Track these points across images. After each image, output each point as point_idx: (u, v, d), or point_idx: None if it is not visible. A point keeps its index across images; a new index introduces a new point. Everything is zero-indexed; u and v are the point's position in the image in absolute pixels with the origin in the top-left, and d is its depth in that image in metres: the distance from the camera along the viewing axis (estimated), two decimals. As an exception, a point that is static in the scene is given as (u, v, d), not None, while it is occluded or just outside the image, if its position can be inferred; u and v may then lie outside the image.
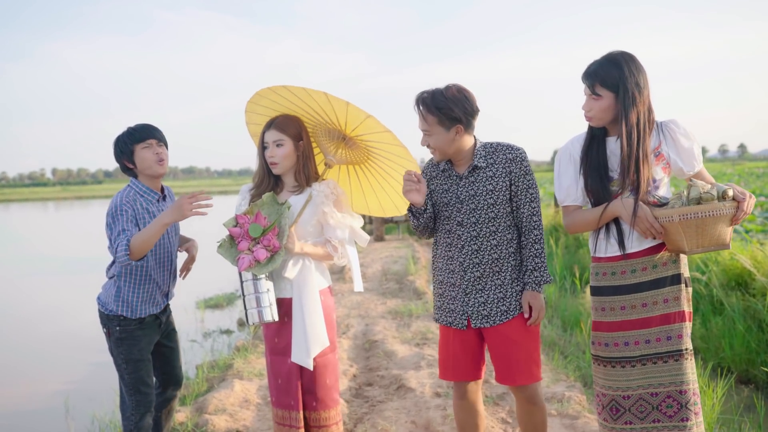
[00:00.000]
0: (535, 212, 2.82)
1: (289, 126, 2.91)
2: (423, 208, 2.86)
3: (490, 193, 2.80)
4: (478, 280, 2.83)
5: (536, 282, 2.80)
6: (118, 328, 3.11)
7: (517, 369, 2.82)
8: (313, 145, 3.07)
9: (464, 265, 2.84)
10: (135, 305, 3.09)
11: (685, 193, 2.53)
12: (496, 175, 2.80)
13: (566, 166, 2.76)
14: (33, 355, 7.49)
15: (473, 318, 2.84)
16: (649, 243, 2.63)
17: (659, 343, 2.61)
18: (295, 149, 2.92)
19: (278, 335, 2.95)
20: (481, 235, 2.82)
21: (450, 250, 2.89)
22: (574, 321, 6.57)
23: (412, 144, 2.99)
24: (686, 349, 2.61)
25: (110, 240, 2.99)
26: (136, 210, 3.04)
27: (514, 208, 2.83)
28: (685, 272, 2.67)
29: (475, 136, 2.86)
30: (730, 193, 2.47)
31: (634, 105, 2.57)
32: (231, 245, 2.85)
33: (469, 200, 2.82)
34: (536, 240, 2.82)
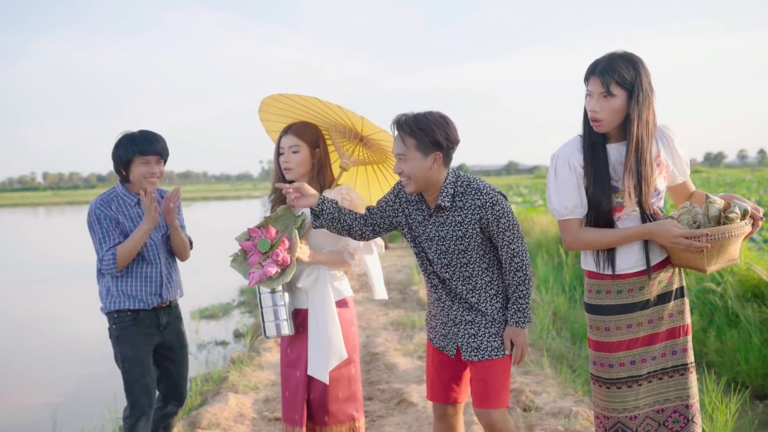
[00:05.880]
0: (516, 253, 2.70)
1: (307, 132, 2.97)
2: (319, 208, 2.79)
3: (460, 239, 2.70)
4: (467, 312, 2.78)
5: (517, 321, 2.73)
6: (114, 326, 3.22)
7: (489, 391, 2.77)
8: (330, 148, 3.14)
9: (450, 297, 2.80)
10: (121, 297, 3.21)
11: (704, 210, 2.53)
12: (465, 221, 2.69)
13: (567, 176, 2.62)
14: (21, 366, 7.52)
15: (463, 350, 2.78)
16: (657, 259, 2.61)
17: (664, 359, 2.63)
18: (311, 156, 2.97)
19: (290, 346, 3.00)
20: (455, 278, 2.76)
21: (432, 280, 2.85)
22: (583, 333, 6.57)
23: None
24: (690, 363, 2.64)
25: (96, 249, 3.18)
26: (111, 213, 3.18)
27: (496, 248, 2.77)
28: (684, 284, 2.69)
29: (449, 170, 2.75)
30: (750, 210, 2.51)
31: (647, 106, 2.51)
32: (243, 259, 2.90)
33: (438, 241, 2.74)
34: (520, 282, 2.72)
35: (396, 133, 2.70)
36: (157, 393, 3.42)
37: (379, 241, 3.05)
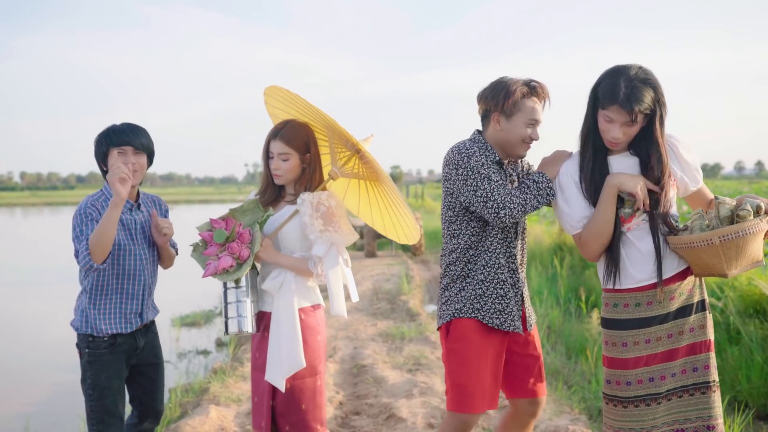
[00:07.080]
0: None
1: (297, 138, 2.93)
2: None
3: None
4: (523, 277, 2.91)
5: None
6: (87, 350, 3.07)
7: (541, 377, 2.85)
8: (325, 150, 3.09)
9: (519, 262, 2.88)
10: (97, 322, 3.03)
11: (714, 212, 2.51)
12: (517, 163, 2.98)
13: (572, 190, 2.67)
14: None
15: (528, 317, 2.87)
16: (674, 269, 2.58)
17: (685, 376, 2.57)
18: (300, 162, 2.95)
19: (259, 350, 2.97)
20: (526, 228, 2.94)
21: (510, 247, 2.83)
22: (579, 348, 6.52)
23: (414, 157, 2.98)
24: (713, 381, 2.58)
25: (75, 247, 2.95)
26: (99, 214, 2.99)
27: None
28: (706, 297, 2.65)
29: None
30: (764, 206, 2.48)
31: (663, 125, 2.56)
32: (203, 250, 2.92)
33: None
34: None
35: (540, 102, 2.82)
36: (132, 409, 3.32)
37: (345, 254, 3.00)
